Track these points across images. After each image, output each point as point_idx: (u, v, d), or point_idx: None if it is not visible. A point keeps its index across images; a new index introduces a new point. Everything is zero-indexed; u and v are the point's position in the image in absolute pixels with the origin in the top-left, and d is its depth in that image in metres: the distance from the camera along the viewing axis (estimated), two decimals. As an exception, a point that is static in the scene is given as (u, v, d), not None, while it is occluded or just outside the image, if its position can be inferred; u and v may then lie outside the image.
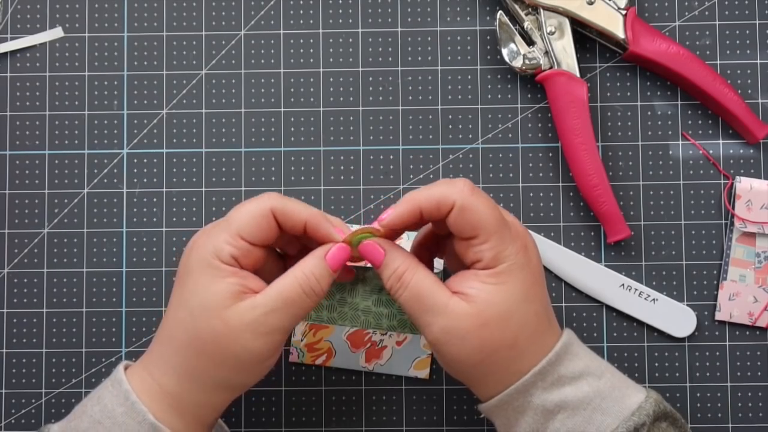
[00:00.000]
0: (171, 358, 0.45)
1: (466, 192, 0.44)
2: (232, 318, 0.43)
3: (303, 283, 0.44)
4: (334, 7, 0.59)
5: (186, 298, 0.44)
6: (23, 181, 0.58)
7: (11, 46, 0.59)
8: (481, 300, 0.44)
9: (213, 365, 0.44)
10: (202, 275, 0.44)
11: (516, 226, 0.46)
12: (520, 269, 0.45)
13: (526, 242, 0.46)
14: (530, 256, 0.46)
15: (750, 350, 0.56)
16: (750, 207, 0.56)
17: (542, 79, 0.56)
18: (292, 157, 0.58)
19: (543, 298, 0.47)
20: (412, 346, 0.56)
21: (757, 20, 0.58)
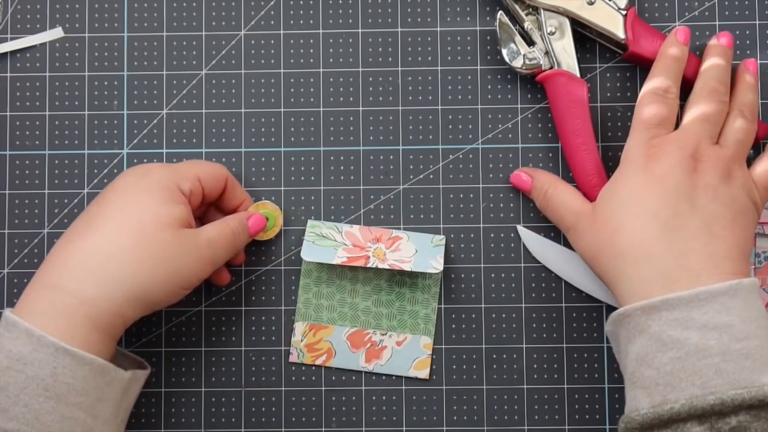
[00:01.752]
0: (103, 267, 0.46)
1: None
2: (184, 237, 0.49)
3: (235, 226, 0.52)
4: (334, 7, 0.59)
5: (138, 213, 0.48)
6: (23, 181, 0.58)
7: (11, 46, 0.59)
8: (598, 200, 0.51)
9: (149, 278, 0.47)
10: (162, 197, 0.49)
11: (683, 133, 0.50)
12: (634, 172, 0.49)
13: (659, 155, 0.49)
14: (659, 168, 0.48)
15: (750, 350, 0.56)
16: (750, 207, 0.56)
17: (542, 79, 0.55)
18: (292, 157, 0.58)
19: (675, 209, 0.47)
20: (412, 346, 0.56)
21: (757, 20, 0.58)
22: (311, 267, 0.57)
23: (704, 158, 0.49)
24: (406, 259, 0.55)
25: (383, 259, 0.55)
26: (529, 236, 0.57)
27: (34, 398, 0.44)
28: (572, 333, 0.57)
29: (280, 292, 0.57)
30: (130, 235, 0.47)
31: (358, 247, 0.55)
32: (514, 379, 0.57)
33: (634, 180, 0.49)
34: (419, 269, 0.54)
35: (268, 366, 0.57)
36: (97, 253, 0.47)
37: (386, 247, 0.55)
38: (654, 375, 0.44)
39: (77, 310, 0.46)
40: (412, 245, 0.55)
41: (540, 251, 0.57)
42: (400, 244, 0.56)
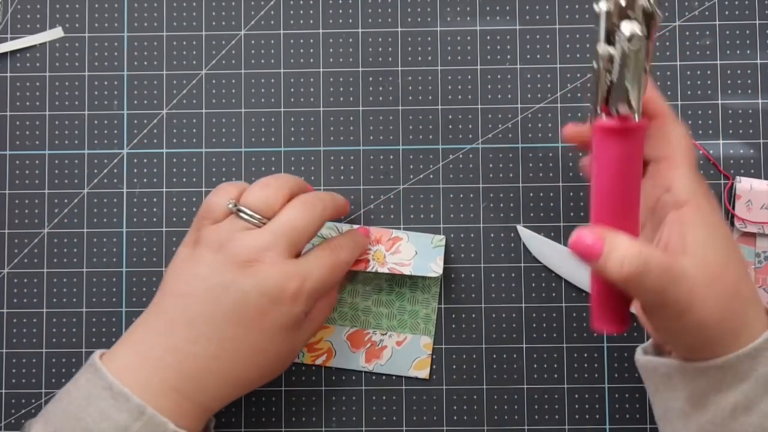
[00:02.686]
0: (228, 392, 0.48)
1: (671, 113, 0.45)
2: (295, 337, 0.49)
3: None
4: (334, 7, 0.59)
5: (267, 346, 0.48)
6: (23, 181, 0.58)
7: (11, 46, 0.59)
8: (698, 249, 0.42)
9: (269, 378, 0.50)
10: (289, 332, 0.49)
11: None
12: (713, 209, 0.43)
13: (707, 189, 0.45)
14: (713, 200, 0.44)
15: (750, 350, 0.56)
16: (750, 207, 0.56)
17: (616, 130, 0.42)
18: (292, 157, 0.58)
19: (739, 251, 0.45)
20: (412, 346, 0.56)
21: (757, 20, 0.58)
22: None
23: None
24: (406, 262, 0.55)
25: (383, 263, 0.55)
26: (529, 236, 0.57)
27: None
28: (572, 333, 0.57)
29: (280, 292, 0.57)
30: (258, 369, 0.49)
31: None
32: (514, 379, 0.57)
33: (714, 217, 0.43)
34: (419, 273, 0.54)
35: (268, 366, 0.57)
36: (229, 382, 0.48)
37: (386, 249, 0.55)
38: (759, 421, 0.41)
39: (197, 413, 0.47)
40: (411, 246, 0.55)
41: (540, 251, 0.57)
42: (400, 245, 0.55)
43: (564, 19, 0.58)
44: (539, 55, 0.58)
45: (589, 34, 0.58)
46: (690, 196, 0.43)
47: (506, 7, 0.58)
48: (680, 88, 0.58)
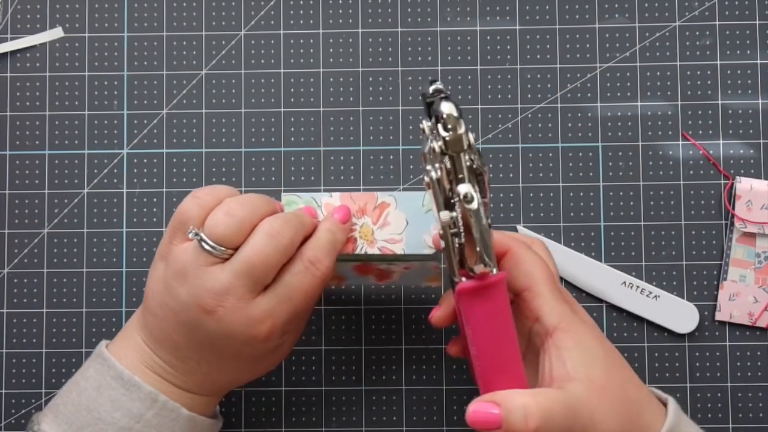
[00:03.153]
0: (206, 385, 0.48)
1: (524, 244, 0.45)
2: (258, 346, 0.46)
3: (305, 260, 0.46)
4: (334, 7, 0.59)
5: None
6: (23, 181, 0.58)
7: (11, 46, 0.59)
8: (579, 370, 0.42)
9: (221, 370, 0.47)
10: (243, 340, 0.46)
11: (563, 291, 0.46)
12: (582, 325, 0.44)
13: (574, 306, 0.46)
14: (582, 315, 0.45)
15: (750, 350, 0.56)
16: (750, 207, 0.56)
17: (484, 288, 0.42)
18: (292, 157, 0.58)
19: (617, 354, 0.45)
20: (421, 268, 0.51)
21: (757, 20, 0.58)
22: None
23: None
24: (397, 237, 0.49)
25: (371, 241, 0.49)
26: (529, 236, 0.57)
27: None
28: (572, 333, 0.57)
29: (280, 292, 0.57)
30: (251, 376, 0.49)
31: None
32: (514, 379, 0.57)
33: (584, 334, 0.44)
34: (413, 251, 0.48)
35: (268, 366, 0.57)
36: (225, 383, 0.49)
37: (373, 221, 0.49)
38: None
39: (201, 401, 0.48)
40: (401, 215, 0.49)
41: (540, 251, 0.57)
42: (389, 214, 0.49)
43: (564, 19, 0.58)
44: (539, 55, 0.58)
45: (589, 34, 0.58)
46: (557, 320, 0.43)
47: (506, 7, 0.59)
48: (680, 88, 0.58)
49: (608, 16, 0.58)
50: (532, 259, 0.45)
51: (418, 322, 0.57)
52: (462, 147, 0.40)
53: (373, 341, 0.57)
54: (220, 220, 0.44)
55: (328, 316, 0.57)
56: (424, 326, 0.57)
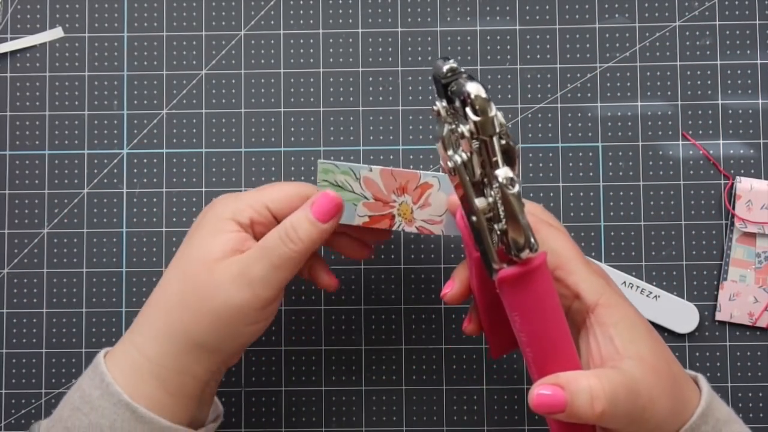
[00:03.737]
0: (156, 319, 0.45)
1: (544, 221, 0.44)
2: (219, 269, 0.44)
3: (281, 229, 0.44)
4: (334, 7, 0.59)
5: (187, 251, 0.45)
6: (23, 181, 0.58)
7: (11, 46, 0.59)
8: (629, 348, 0.41)
9: (194, 321, 0.44)
10: (210, 230, 0.45)
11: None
12: (621, 298, 0.43)
13: (606, 278, 0.44)
14: (616, 288, 0.44)
15: (750, 350, 0.56)
16: (750, 207, 0.56)
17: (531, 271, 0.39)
18: (292, 157, 0.58)
19: (654, 329, 0.44)
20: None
21: (757, 20, 0.58)
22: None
23: None
24: (437, 218, 0.47)
25: (410, 220, 0.47)
26: (529, 236, 0.57)
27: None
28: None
29: (280, 292, 0.57)
30: (176, 281, 0.45)
31: (380, 201, 0.47)
32: (514, 379, 0.57)
33: (626, 307, 0.43)
34: (452, 233, 0.47)
35: (268, 366, 0.57)
36: (153, 305, 0.45)
37: (413, 201, 0.47)
38: None
39: (144, 367, 0.44)
40: (444, 196, 0.47)
41: (540, 251, 0.57)
42: (430, 195, 0.47)
43: (564, 19, 0.58)
44: (539, 55, 0.58)
45: (589, 34, 0.58)
46: (597, 296, 0.42)
47: (506, 7, 0.59)
48: (680, 88, 0.58)
49: (608, 16, 0.58)
50: (555, 236, 0.43)
51: (418, 322, 0.57)
52: (494, 130, 0.38)
53: (373, 341, 0.57)
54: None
55: (328, 316, 0.57)
56: (424, 326, 0.57)
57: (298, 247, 0.44)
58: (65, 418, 0.44)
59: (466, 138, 0.38)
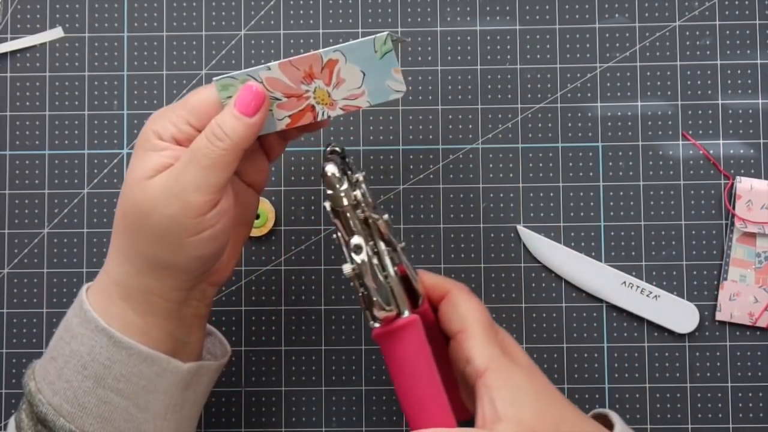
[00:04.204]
0: (115, 245, 0.45)
1: (463, 288, 0.48)
2: (152, 185, 0.42)
3: (207, 130, 0.43)
4: (334, 7, 0.59)
5: (126, 177, 0.44)
6: (23, 181, 0.58)
7: (11, 46, 0.59)
8: (508, 411, 0.43)
9: (140, 240, 0.43)
10: (140, 151, 0.44)
11: (502, 333, 0.48)
12: (514, 365, 0.46)
13: (512, 348, 0.48)
14: (517, 357, 0.47)
15: (750, 350, 0.56)
16: (750, 207, 0.56)
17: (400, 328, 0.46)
18: (292, 158, 0.58)
19: (553, 390, 0.46)
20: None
21: (757, 20, 0.58)
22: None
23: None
24: (357, 92, 0.44)
25: (331, 103, 0.44)
26: (529, 236, 0.57)
27: (74, 375, 0.43)
28: (572, 333, 0.57)
29: (279, 292, 0.57)
30: (120, 207, 0.44)
31: (293, 97, 0.44)
32: (514, 379, 0.57)
33: (516, 373, 0.45)
34: (380, 100, 0.44)
35: (268, 366, 0.57)
36: (114, 233, 0.45)
37: (326, 83, 0.44)
38: None
39: (113, 290, 0.44)
40: (354, 67, 0.43)
41: (540, 251, 0.57)
42: (340, 70, 0.43)
43: (564, 19, 0.58)
44: (539, 55, 0.58)
45: (589, 34, 0.58)
46: (487, 361, 0.45)
47: (506, 7, 0.59)
48: (680, 88, 0.58)
49: (608, 16, 0.58)
50: (468, 303, 0.47)
51: (418, 322, 0.57)
52: (343, 204, 0.45)
53: (373, 341, 0.57)
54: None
55: (328, 316, 0.57)
56: (424, 326, 0.57)
57: (225, 144, 0.42)
58: (51, 348, 0.45)
59: (328, 212, 0.46)
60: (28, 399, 0.44)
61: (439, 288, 0.49)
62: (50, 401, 0.43)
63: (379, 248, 0.46)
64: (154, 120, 0.44)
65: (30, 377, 0.45)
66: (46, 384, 0.44)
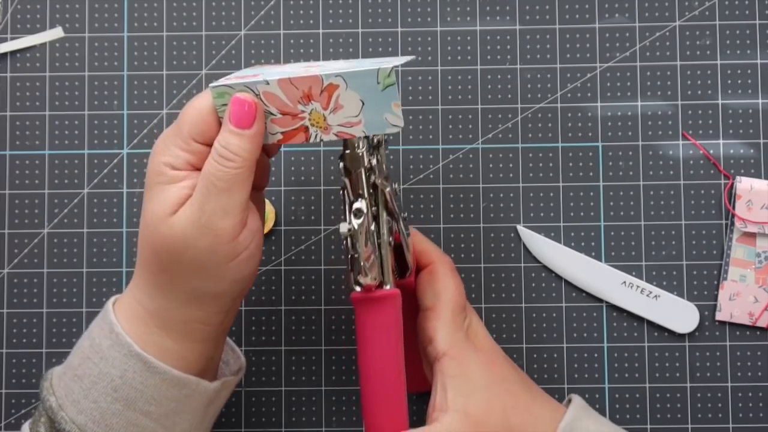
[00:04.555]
0: (146, 276, 0.44)
1: (446, 262, 0.48)
2: (178, 221, 0.42)
3: (214, 153, 0.42)
4: (334, 7, 0.59)
5: (147, 217, 0.43)
6: (23, 181, 0.58)
7: (11, 46, 0.59)
8: (457, 402, 0.45)
9: (179, 276, 0.43)
10: (155, 186, 0.43)
11: (471, 317, 0.49)
12: (472, 353, 0.46)
13: (477, 332, 0.48)
14: (480, 343, 0.47)
15: (750, 350, 0.56)
16: (750, 207, 0.56)
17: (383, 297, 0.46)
18: (292, 157, 0.58)
19: (511, 376, 0.47)
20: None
21: (757, 20, 0.58)
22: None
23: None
24: (354, 120, 0.42)
25: (325, 127, 0.43)
26: (529, 236, 0.57)
27: (103, 396, 0.43)
28: (572, 333, 0.57)
29: (279, 292, 0.57)
30: (148, 246, 0.44)
31: (288, 115, 0.43)
32: (514, 379, 0.57)
33: (471, 364, 0.46)
34: (375, 132, 0.43)
35: (268, 366, 0.57)
36: (142, 265, 0.45)
37: (323, 107, 0.43)
38: None
39: (149, 321, 0.44)
40: (355, 95, 0.42)
41: (540, 251, 0.57)
42: (339, 96, 0.42)
43: (564, 19, 0.58)
44: (539, 55, 0.58)
45: (589, 34, 0.58)
46: (448, 346, 0.46)
47: (506, 7, 0.59)
48: (680, 88, 0.58)
49: (608, 15, 0.58)
50: (445, 280, 0.47)
51: (418, 322, 0.57)
52: (357, 165, 0.45)
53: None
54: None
55: (328, 316, 0.57)
56: (424, 326, 0.57)
57: (237, 163, 0.41)
58: (75, 366, 0.44)
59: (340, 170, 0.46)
60: (49, 415, 0.44)
61: (425, 255, 0.49)
62: (74, 419, 0.43)
63: (380, 216, 0.45)
64: (160, 153, 0.43)
65: (49, 392, 0.44)
66: (69, 402, 0.43)
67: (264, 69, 0.48)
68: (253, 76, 0.44)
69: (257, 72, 0.46)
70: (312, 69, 0.43)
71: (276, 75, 0.43)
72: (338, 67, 0.43)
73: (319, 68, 0.44)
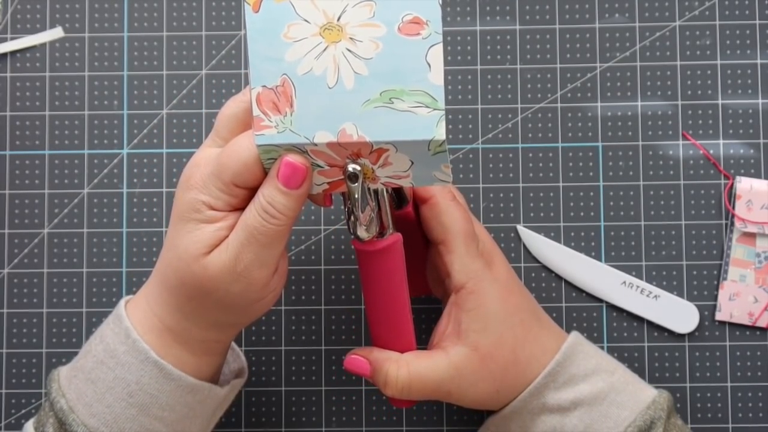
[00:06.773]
0: (168, 298, 0.44)
1: (447, 194, 0.47)
2: (212, 264, 0.42)
3: (258, 207, 0.41)
4: (334, 7, 0.59)
5: (176, 240, 0.43)
6: (23, 181, 0.58)
7: (11, 46, 0.59)
8: (469, 336, 0.46)
9: (204, 308, 0.44)
10: (189, 222, 0.43)
11: (484, 241, 0.48)
12: (489, 286, 0.46)
13: (492, 258, 0.47)
14: (497, 271, 0.47)
15: (750, 350, 0.56)
16: (750, 207, 0.56)
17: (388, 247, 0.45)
18: (292, 157, 0.58)
19: (525, 306, 0.47)
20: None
21: (757, 20, 0.58)
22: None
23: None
24: (402, 174, 0.43)
25: (373, 178, 0.43)
26: (529, 236, 0.57)
27: (118, 401, 0.43)
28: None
29: (280, 292, 0.57)
30: (174, 279, 0.43)
31: (336, 167, 0.43)
32: (514, 379, 0.57)
33: (487, 297, 0.46)
34: (423, 184, 0.43)
35: (268, 366, 0.57)
36: (165, 292, 0.45)
37: (372, 162, 0.42)
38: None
39: (167, 336, 0.45)
40: (404, 156, 0.41)
41: (540, 251, 0.57)
42: (389, 156, 0.41)
43: (564, 19, 0.58)
44: (539, 55, 0.58)
45: (589, 34, 0.58)
46: (465, 279, 0.46)
47: (506, 7, 0.58)
48: (680, 88, 0.58)
49: (608, 15, 0.58)
50: (452, 212, 0.47)
51: (417, 322, 0.57)
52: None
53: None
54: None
55: (328, 316, 0.57)
56: (424, 326, 0.57)
57: (281, 221, 0.41)
58: (88, 369, 0.44)
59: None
60: (59, 416, 0.44)
61: (424, 190, 0.48)
62: (85, 422, 0.43)
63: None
64: (198, 189, 0.42)
65: (59, 393, 0.45)
66: (81, 405, 0.44)
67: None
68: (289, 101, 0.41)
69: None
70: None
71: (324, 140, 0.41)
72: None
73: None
